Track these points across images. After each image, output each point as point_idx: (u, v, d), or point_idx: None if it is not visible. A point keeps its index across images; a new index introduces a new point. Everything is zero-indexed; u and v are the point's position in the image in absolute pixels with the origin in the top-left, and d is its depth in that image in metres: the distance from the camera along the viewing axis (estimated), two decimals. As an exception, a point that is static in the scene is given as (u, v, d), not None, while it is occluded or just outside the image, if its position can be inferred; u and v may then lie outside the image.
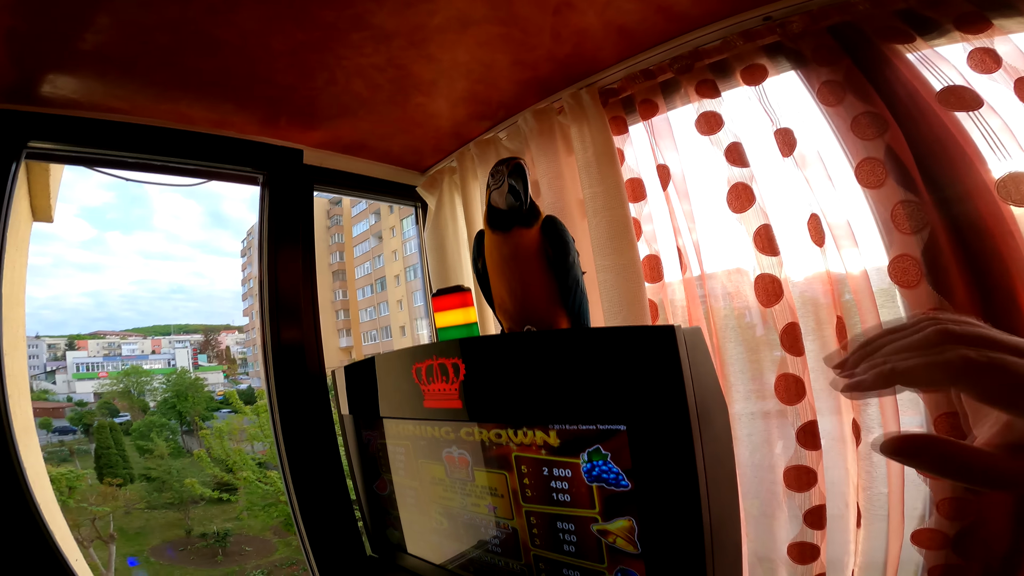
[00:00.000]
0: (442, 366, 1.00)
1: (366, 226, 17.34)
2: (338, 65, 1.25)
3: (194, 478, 9.07)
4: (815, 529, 1.14)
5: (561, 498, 0.86)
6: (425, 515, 1.16)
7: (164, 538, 10.58)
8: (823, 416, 1.14)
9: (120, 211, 24.39)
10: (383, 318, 16.36)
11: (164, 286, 22.67)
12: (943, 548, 1.05)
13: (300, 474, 1.42)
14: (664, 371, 0.70)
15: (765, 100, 1.19)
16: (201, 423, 11.87)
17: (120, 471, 11.63)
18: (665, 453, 0.73)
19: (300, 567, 9.41)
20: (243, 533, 10.52)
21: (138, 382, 13.77)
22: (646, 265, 1.35)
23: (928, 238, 1.01)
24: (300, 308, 1.52)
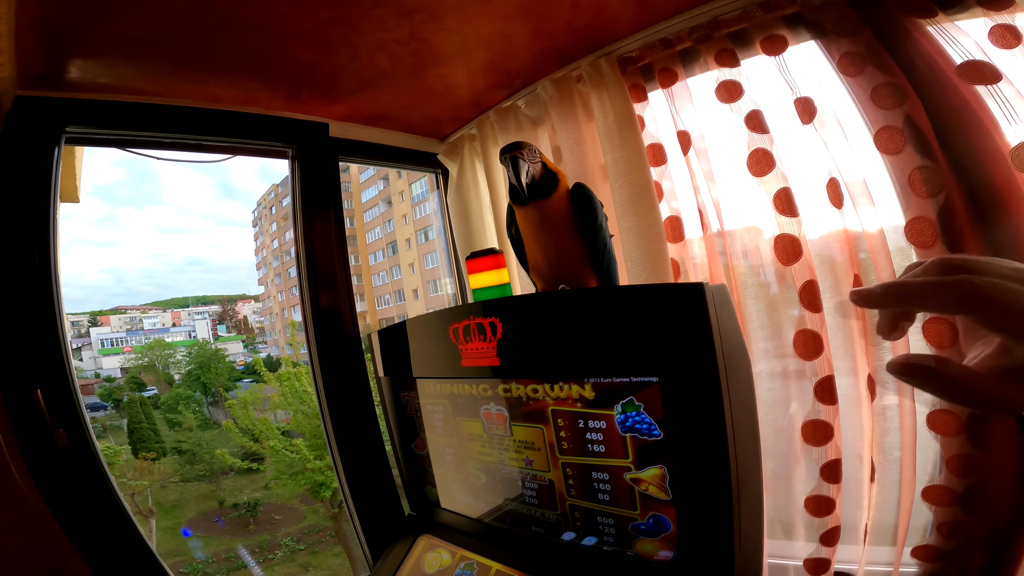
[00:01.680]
0: (479, 325, 1.04)
1: (375, 191, 17.32)
2: (361, 41, 1.28)
3: (223, 449, 9.29)
4: (831, 483, 1.21)
5: (596, 449, 0.92)
6: (462, 471, 1.21)
7: (199, 510, 10.89)
8: (840, 376, 1.19)
9: (131, 187, 24.69)
10: (396, 282, 16.48)
11: (179, 259, 23.09)
12: (951, 505, 1.12)
13: (343, 437, 1.51)
14: (694, 326, 0.75)
15: (785, 69, 1.21)
16: (225, 394, 12.08)
17: (153, 445, 11.90)
18: (695, 403, 0.78)
19: (327, 533, 9.77)
20: (272, 502, 10.84)
21: (162, 355, 14.03)
22: (667, 226, 1.40)
23: (944, 202, 1.05)
24: (335, 275, 1.58)
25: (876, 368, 1.16)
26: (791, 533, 1.31)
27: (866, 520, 1.21)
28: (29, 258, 1.18)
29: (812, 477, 1.24)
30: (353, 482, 1.53)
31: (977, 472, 1.08)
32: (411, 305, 15.84)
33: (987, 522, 1.09)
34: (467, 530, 1.22)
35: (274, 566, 9.35)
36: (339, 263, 1.60)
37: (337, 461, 1.52)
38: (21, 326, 1.15)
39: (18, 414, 1.11)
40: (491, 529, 1.17)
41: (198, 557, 9.53)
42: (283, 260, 17.77)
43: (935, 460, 1.15)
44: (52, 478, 1.13)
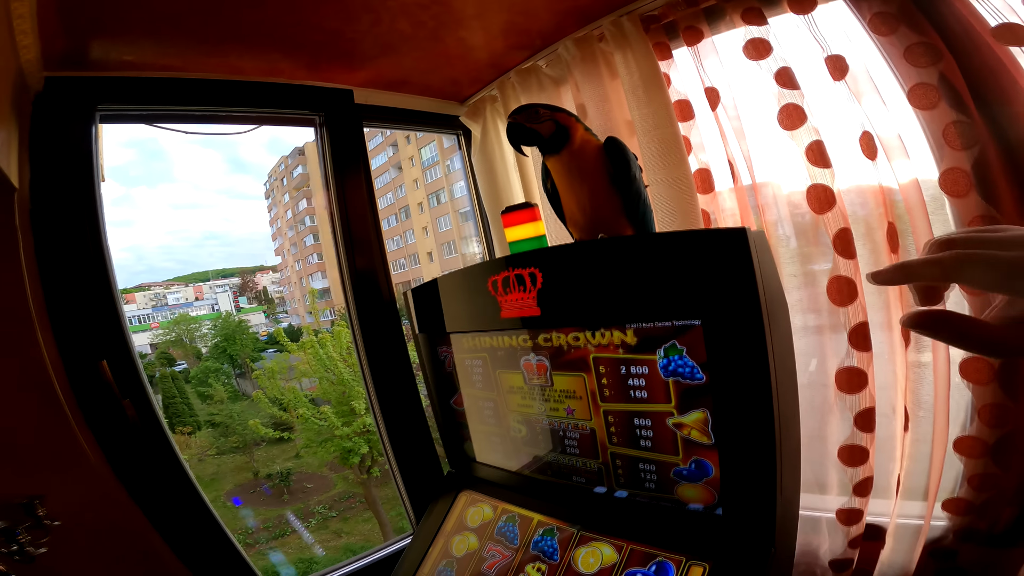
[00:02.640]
0: (519, 276, 1.07)
1: (384, 158, 17.24)
2: (383, 6, 1.28)
3: (256, 419, 9.47)
4: (865, 432, 1.23)
5: (638, 395, 0.95)
6: (502, 425, 1.24)
7: (235, 482, 11.24)
8: (875, 329, 1.20)
9: (142, 167, 24.77)
10: (410, 246, 16.55)
11: (197, 234, 23.37)
12: (983, 456, 1.14)
13: (385, 398, 1.58)
14: (737, 269, 0.77)
15: (814, 27, 1.20)
16: (252, 364, 12.30)
17: (188, 419, 12.16)
18: (738, 346, 0.80)
19: (356, 499, 10.06)
20: (303, 471, 11.13)
21: (188, 329, 14.28)
22: (697, 178, 1.40)
23: (978, 154, 1.06)
24: (369, 238, 1.63)
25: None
26: (824, 488, 1.34)
27: (899, 472, 1.24)
28: (81, 236, 1.22)
29: (846, 426, 1.26)
30: (396, 443, 1.60)
31: (1009, 423, 1.10)
32: (426, 268, 15.93)
33: (1017, 475, 1.11)
34: (507, 483, 1.25)
35: (310, 533, 9.68)
36: (372, 224, 1.64)
37: (380, 423, 1.59)
38: (79, 301, 1.19)
39: (83, 387, 1.16)
40: (531, 481, 1.20)
41: (250, 526, 9.87)
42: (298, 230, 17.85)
43: (967, 410, 1.17)
44: (122, 450, 1.18)
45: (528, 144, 1.12)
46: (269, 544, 9.53)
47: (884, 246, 1.18)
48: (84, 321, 1.19)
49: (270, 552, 9.28)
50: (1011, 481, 1.12)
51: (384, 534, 8.90)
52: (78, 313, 1.18)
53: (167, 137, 10.82)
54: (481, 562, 1.15)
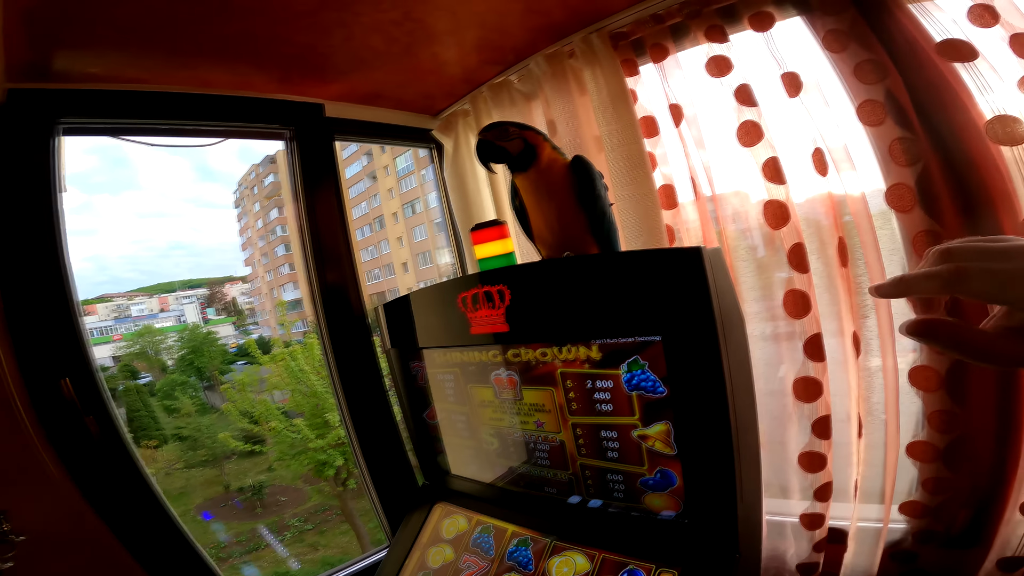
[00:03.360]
0: (487, 293, 1.09)
1: (359, 167, 17.05)
2: (356, 22, 1.29)
3: (226, 432, 9.24)
4: (822, 439, 1.28)
5: (604, 408, 0.98)
6: (475, 438, 1.26)
7: (205, 496, 10.83)
8: (828, 336, 1.26)
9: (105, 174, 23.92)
10: (384, 256, 16.37)
11: (162, 243, 22.67)
12: (935, 461, 1.20)
13: (357, 412, 1.57)
14: (693, 287, 0.81)
15: (772, 44, 1.26)
16: (220, 377, 11.97)
17: (153, 433, 11.72)
18: (695, 361, 0.84)
19: (333, 512, 9.87)
20: (276, 484, 10.84)
21: (153, 341, 13.82)
22: (661, 194, 1.45)
23: (922, 170, 1.12)
24: (340, 252, 1.62)
25: (860, 326, 1.24)
26: (788, 493, 1.39)
27: (856, 477, 1.28)
28: (38, 250, 1.19)
29: (804, 434, 1.31)
30: (369, 456, 1.59)
31: (958, 428, 1.16)
32: (401, 278, 15.77)
33: (969, 478, 1.17)
34: (481, 495, 1.27)
35: (285, 547, 9.46)
36: (343, 239, 1.63)
37: (352, 436, 1.58)
38: (39, 318, 1.17)
39: (44, 404, 1.14)
40: (505, 493, 1.22)
41: (222, 539, 9.61)
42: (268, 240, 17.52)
43: (918, 416, 1.23)
44: (86, 466, 1.17)
45: (497, 161, 1.15)
46: (243, 558, 9.28)
47: (836, 260, 1.24)
48: (44, 338, 1.17)
49: (244, 566, 9.04)
50: (964, 483, 1.18)
51: (362, 546, 8.75)
52: (38, 330, 1.16)
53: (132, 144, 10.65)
54: (457, 573, 1.16)
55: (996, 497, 1.14)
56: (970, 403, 1.15)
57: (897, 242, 1.20)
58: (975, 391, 1.14)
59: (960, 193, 1.11)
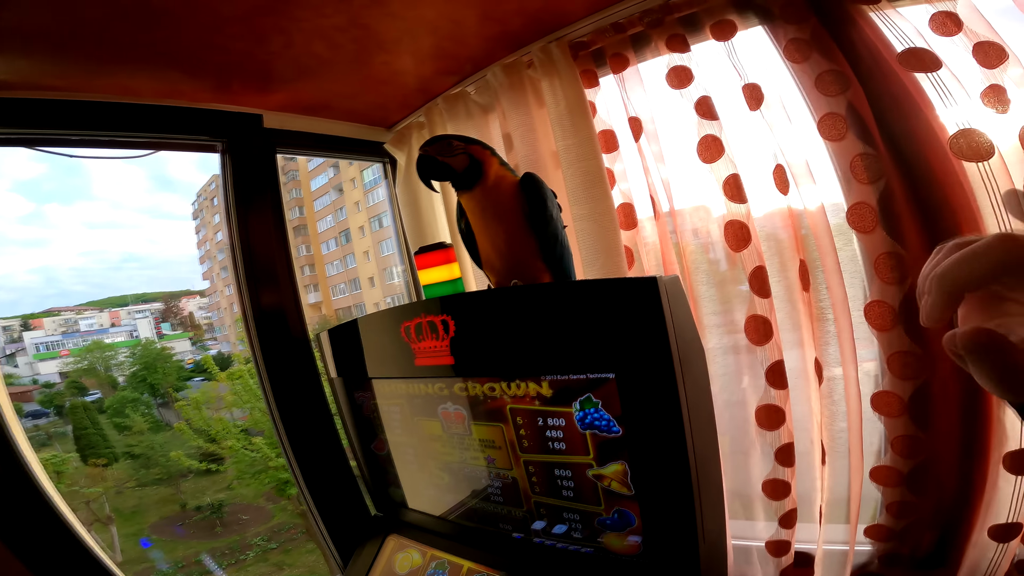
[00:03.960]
0: (431, 323, 1.01)
1: (325, 179, 16.76)
2: (296, 28, 1.20)
3: (179, 451, 8.96)
4: (785, 466, 1.25)
5: (557, 446, 0.92)
6: (425, 471, 1.20)
7: (161, 515, 10.38)
8: (790, 360, 1.22)
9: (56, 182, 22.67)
10: (351, 270, 16.09)
11: (115, 256, 21.56)
12: (898, 485, 1.17)
13: (297, 440, 1.46)
14: (648, 321, 0.75)
15: (734, 55, 1.22)
16: (175, 394, 11.59)
17: (102, 451, 11.29)
18: (652, 399, 0.78)
19: (298, 530, 9.61)
20: (237, 502, 10.56)
21: (103, 357, 13.24)
22: (620, 213, 1.39)
23: (884, 188, 1.08)
24: (276, 272, 1.51)
25: (823, 352, 1.20)
26: (751, 510, 1.35)
27: (820, 502, 1.25)
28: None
29: (767, 461, 1.28)
30: (314, 487, 1.49)
31: (921, 452, 1.13)
32: (367, 293, 15.53)
33: (933, 501, 1.15)
34: (436, 529, 1.22)
35: (247, 567, 9.16)
36: (281, 259, 1.52)
37: (294, 466, 1.47)
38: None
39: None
40: (460, 528, 1.17)
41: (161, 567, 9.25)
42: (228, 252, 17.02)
43: (880, 441, 1.21)
44: None
45: (439, 179, 1.07)
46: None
47: (797, 284, 1.20)
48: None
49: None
50: (928, 507, 1.16)
51: (330, 566, 8.50)
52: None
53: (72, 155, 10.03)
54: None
55: (962, 520, 1.13)
56: (934, 427, 1.12)
57: (858, 264, 1.17)
58: (939, 415, 1.11)
59: (922, 213, 1.08)
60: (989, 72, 0.97)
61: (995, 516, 1.07)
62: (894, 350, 1.11)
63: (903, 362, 1.10)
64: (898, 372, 1.11)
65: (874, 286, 1.12)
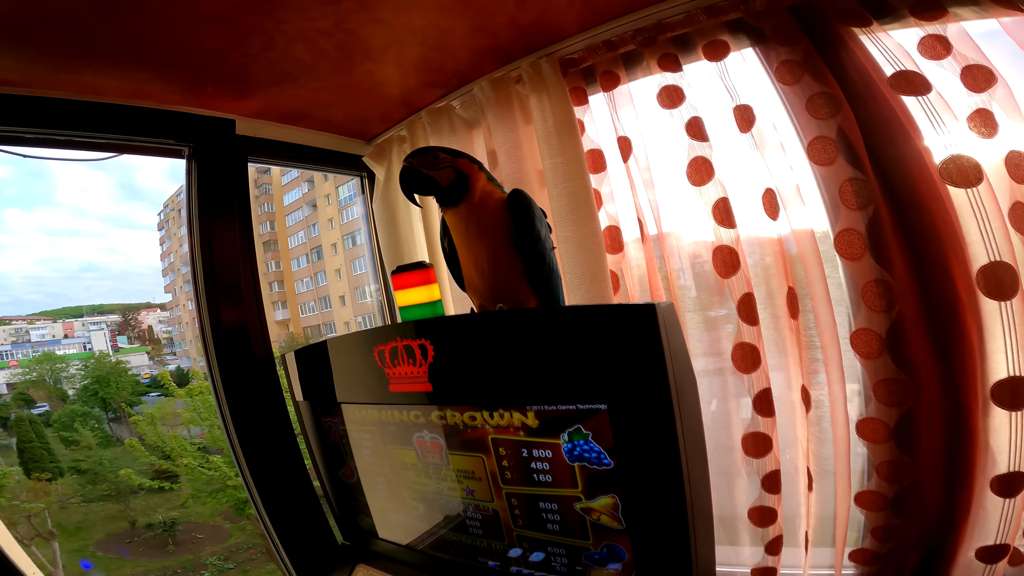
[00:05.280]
0: (408, 348, 0.95)
1: (299, 194, 16.49)
2: (278, 29, 1.15)
3: (129, 468, 8.58)
4: (772, 493, 1.22)
5: (543, 479, 0.87)
6: (397, 500, 1.14)
7: (107, 531, 10.00)
8: (776, 387, 1.20)
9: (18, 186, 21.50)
10: (321, 288, 15.79)
11: (73, 265, 20.46)
12: (883, 509, 1.15)
13: (257, 465, 1.36)
14: (645, 350, 0.71)
15: (726, 76, 1.20)
16: (129, 409, 11.17)
17: (47, 465, 10.83)
18: (647, 430, 0.74)
19: (257, 550, 9.26)
20: (192, 520, 10.16)
21: (53, 369, 12.69)
22: (607, 236, 1.36)
23: (873, 214, 1.06)
24: (240, 287, 1.41)
25: (811, 381, 1.18)
26: (735, 535, 1.31)
27: (806, 528, 1.23)
28: None
29: (754, 488, 1.25)
30: (274, 513, 1.39)
31: (906, 477, 1.12)
32: (338, 312, 15.25)
33: (918, 524, 1.13)
34: (408, 560, 1.16)
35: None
36: (247, 274, 1.43)
37: (253, 491, 1.37)
38: None
39: None
40: (434, 560, 1.11)
41: None
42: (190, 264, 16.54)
43: (864, 466, 1.19)
44: None
45: (423, 193, 1.02)
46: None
47: (785, 311, 1.18)
48: None
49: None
50: (913, 530, 1.14)
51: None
52: None
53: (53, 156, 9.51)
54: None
55: (947, 542, 1.11)
56: (919, 452, 1.10)
57: (843, 292, 1.16)
58: (924, 440, 1.10)
59: (909, 239, 1.06)
60: (977, 96, 0.97)
61: (982, 538, 1.06)
62: (880, 377, 1.09)
63: (889, 389, 1.09)
64: (884, 399, 1.10)
65: (860, 313, 1.10)
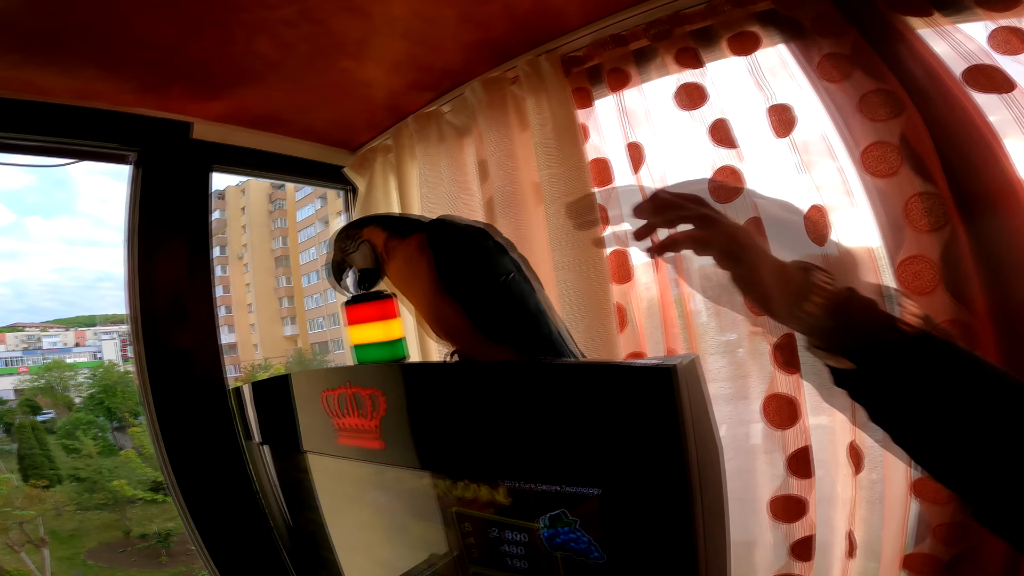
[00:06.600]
0: (356, 396, 0.78)
1: (312, 211, 16.63)
2: (235, 19, 1.00)
3: (124, 478, 8.53)
4: (802, 561, 1.02)
5: (517, 564, 0.68)
6: (356, 560, 0.99)
7: (100, 540, 10.03)
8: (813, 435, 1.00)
9: (41, 195, 21.70)
10: (330, 305, 15.81)
11: (90, 274, 20.51)
12: (935, 573, 0.94)
13: (204, 515, 1.19)
14: (656, 426, 0.52)
15: (758, 72, 1.02)
16: (132, 419, 11.21)
17: (46, 472, 10.91)
18: (653, 524, 0.55)
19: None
20: None
21: (61, 377, 12.77)
22: (612, 261, 1.16)
23: (949, 237, 0.85)
24: (186, 309, 1.24)
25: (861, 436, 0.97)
26: None
27: None
28: None
29: (780, 555, 1.04)
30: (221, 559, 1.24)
31: (967, 539, 0.91)
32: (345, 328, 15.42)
33: None
34: None
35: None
36: (196, 294, 1.26)
37: (199, 542, 1.21)
38: None
39: None
40: None
41: None
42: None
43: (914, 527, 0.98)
44: None
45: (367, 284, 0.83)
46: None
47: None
48: None
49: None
50: None
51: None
52: None
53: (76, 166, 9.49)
54: None
55: None
56: None
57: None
58: None
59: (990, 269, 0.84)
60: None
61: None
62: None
63: None
64: None
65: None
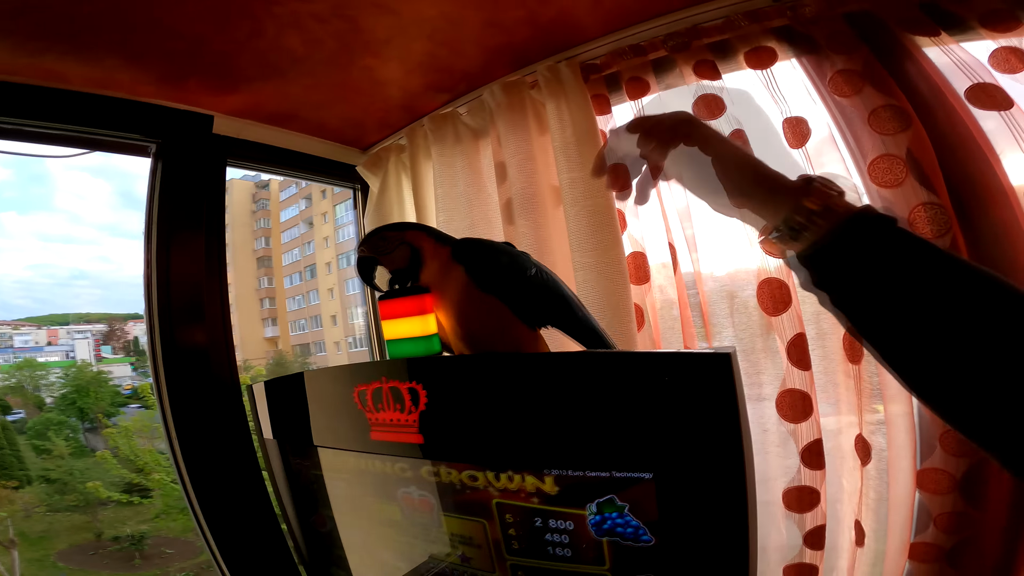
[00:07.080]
0: (395, 391, 0.79)
1: (296, 211, 16.37)
2: (268, 13, 1.01)
3: (99, 480, 8.30)
4: (814, 549, 1.06)
5: (559, 552, 0.70)
6: (376, 558, 0.98)
7: (71, 542, 9.75)
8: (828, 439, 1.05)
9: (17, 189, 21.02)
10: (312, 307, 15.58)
11: (64, 271, 19.94)
12: (937, 561, 1.01)
13: (215, 511, 1.20)
14: (715, 409, 0.55)
15: (773, 86, 1.07)
16: (106, 420, 10.91)
17: (16, 472, 10.55)
18: (708, 505, 0.58)
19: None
20: (162, 535, 9.88)
21: (32, 376, 12.38)
22: (631, 263, 1.20)
23: (950, 245, 0.91)
24: (203, 305, 1.24)
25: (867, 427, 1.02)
26: None
27: None
28: None
29: (794, 544, 1.08)
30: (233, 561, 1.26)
31: (967, 529, 0.98)
32: (328, 332, 15.08)
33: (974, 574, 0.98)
34: None
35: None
36: (212, 290, 1.26)
37: (210, 540, 1.24)
38: None
39: None
40: None
41: None
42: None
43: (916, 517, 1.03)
44: None
45: (400, 284, 0.88)
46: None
47: (840, 354, 1.02)
48: None
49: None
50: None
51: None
52: None
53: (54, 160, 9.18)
54: None
55: None
56: (986, 504, 0.96)
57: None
58: (992, 493, 0.95)
59: None
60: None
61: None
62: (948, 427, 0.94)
63: (959, 439, 0.94)
64: (952, 449, 0.95)
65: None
